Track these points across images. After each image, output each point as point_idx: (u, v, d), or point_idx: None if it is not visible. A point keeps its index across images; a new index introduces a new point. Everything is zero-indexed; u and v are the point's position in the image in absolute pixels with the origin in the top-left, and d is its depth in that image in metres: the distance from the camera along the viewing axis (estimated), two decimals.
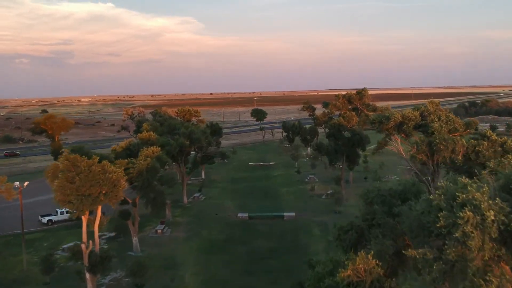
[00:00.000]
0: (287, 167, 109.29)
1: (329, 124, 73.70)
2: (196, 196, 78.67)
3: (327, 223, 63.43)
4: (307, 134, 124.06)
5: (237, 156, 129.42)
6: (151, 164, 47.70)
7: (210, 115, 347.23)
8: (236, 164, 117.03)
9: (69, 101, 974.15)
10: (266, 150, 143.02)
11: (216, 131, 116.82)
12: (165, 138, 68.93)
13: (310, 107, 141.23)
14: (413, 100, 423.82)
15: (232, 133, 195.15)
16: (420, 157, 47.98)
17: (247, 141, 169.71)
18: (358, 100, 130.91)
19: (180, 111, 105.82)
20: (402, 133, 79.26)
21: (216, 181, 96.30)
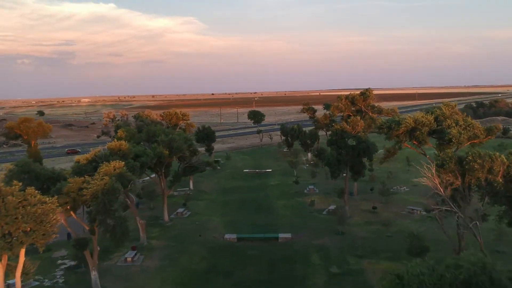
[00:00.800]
0: (285, 175, 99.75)
1: (331, 130, 64.22)
2: (179, 212, 69.20)
3: (329, 247, 53.97)
4: (307, 139, 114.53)
5: (231, 162, 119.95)
6: (108, 185, 38.23)
7: (209, 116, 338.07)
8: (230, 171, 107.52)
9: (69, 101, 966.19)
10: (264, 155, 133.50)
11: (209, 135, 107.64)
12: (141, 147, 59.48)
13: (310, 109, 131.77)
14: (418, 101, 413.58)
15: (229, 136, 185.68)
16: (448, 178, 37.88)
17: (244, 144, 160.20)
18: (362, 102, 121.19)
19: (165, 115, 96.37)
20: (415, 140, 69.75)
21: (206, 192, 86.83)
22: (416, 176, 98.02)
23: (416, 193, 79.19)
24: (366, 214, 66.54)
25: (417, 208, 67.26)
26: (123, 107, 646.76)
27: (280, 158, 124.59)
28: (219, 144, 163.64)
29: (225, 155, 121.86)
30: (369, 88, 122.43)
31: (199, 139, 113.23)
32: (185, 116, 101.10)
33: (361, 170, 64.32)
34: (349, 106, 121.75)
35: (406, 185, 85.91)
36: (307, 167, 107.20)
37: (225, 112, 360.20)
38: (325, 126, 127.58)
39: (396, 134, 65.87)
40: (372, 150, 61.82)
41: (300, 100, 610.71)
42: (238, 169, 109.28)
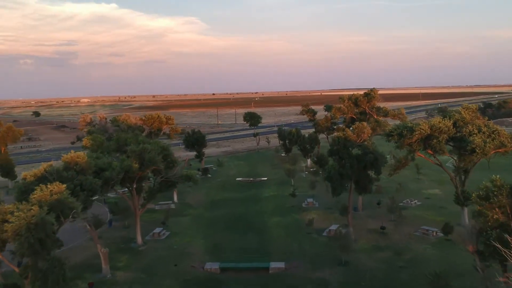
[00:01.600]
0: (282, 185, 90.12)
1: (332, 138, 54.65)
2: (156, 233, 59.60)
3: (330, 282, 44.37)
4: (306, 143, 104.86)
5: (224, 168, 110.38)
6: (36, 218, 28.73)
7: (207, 117, 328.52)
8: (221, 180, 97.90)
9: (68, 102, 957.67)
10: (260, 160, 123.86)
11: (198, 140, 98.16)
12: (106, 159, 49.95)
13: (310, 110, 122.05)
14: (421, 101, 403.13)
15: (225, 138, 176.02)
16: (496, 216, 27.61)
17: (240, 148, 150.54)
18: (366, 103, 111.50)
19: (147, 119, 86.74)
20: (430, 148, 60.13)
21: (191, 205, 77.29)
22: (427, 186, 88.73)
23: (429, 208, 69.59)
24: (373, 236, 56.84)
25: (433, 228, 57.52)
26: (122, 107, 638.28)
27: (277, 164, 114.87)
28: (214, 148, 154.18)
29: (217, 161, 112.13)
30: (373, 88, 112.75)
31: (188, 144, 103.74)
32: (170, 120, 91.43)
33: (367, 185, 54.65)
34: (352, 108, 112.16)
35: (417, 197, 76.27)
36: (307, 175, 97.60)
37: (224, 112, 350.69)
38: (326, 130, 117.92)
39: (409, 143, 56.27)
40: (380, 162, 52.13)
41: (301, 100, 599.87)
42: (230, 177, 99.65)
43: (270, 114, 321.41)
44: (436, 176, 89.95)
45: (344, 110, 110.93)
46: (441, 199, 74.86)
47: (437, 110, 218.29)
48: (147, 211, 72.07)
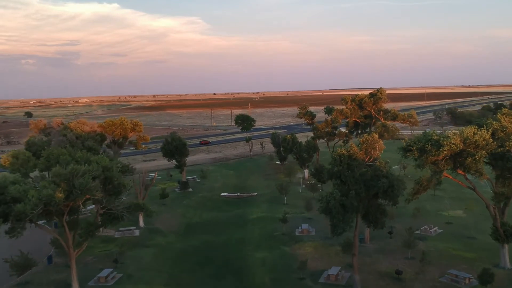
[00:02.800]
0: (273, 202, 76.40)
1: (332, 156, 40.82)
2: (103, 277, 45.73)
3: None
4: (302, 152, 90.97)
5: (209, 180, 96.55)
6: None
7: (202, 118, 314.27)
8: (203, 195, 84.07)
9: (67, 102, 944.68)
10: (252, 169, 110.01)
11: (178, 148, 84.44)
12: (23, 186, 36.24)
13: (308, 113, 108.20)
14: (427, 101, 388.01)
15: (217, 143, 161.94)
16: None
17: (232, 154, 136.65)
18: (372, 105, 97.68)
19: (107, 125, 72.92)
20: (462, 169, 46.24)
21: (160, 232, 63.46)
22: (447, 205, 74.20)
23: (453, 238, 55.74)
24: (387, 285, 42.93)
25: (464, 274, 43.50)
26: (119, 107, 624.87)
27: (270, 174, 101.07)
28: (203, 154, 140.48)
29: (201, 172, 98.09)
30: (380, 88, 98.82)
31: (167, 153, 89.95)
32: (137, 127, 77.58)
33: (379, 219, 40.65)
34: (356, 110, 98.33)
35: (436, 221, 62.39)
36: (303, 189, 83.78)
37: (221, 114, 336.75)
38: (326, 135, 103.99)
39: (434, 160, 42.38)
40: (398, 189, 38.16)
41: (302, 100, 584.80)
42: (215, 192, 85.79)
43: (269, 115, 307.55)
44: (456, 192, 76.11)
45: (346, 113, 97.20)
46: (466, 225, 60.96)
47: (446, 111, 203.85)
48: (103, 241, 58.48)
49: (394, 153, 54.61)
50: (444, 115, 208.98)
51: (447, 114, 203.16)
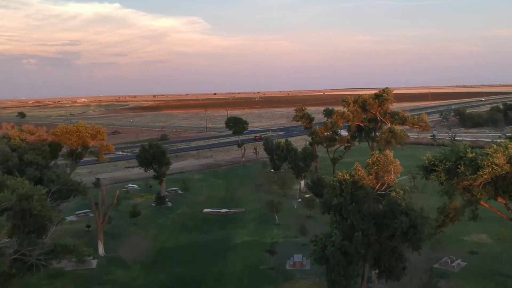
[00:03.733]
0: (264, 221, 65.41)
1: (330, 183, 29.83)
2: None
3: None
4: (298, 160, 79.86)
5: (193, 192, 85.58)
6: None
7: (198, 120, 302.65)
8: (183, 211, 73.07)
9: (64, 102, 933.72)
10: (243, 178, 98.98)
11: (156, 157, 73.55)
12: None
13: (305, 116, 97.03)
14: (431, 102, 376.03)
15: (208, 147, 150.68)
16: None
17: (224, 160, 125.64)
18: (377, 107, 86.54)
19: (60, 133, 61.75)
20: (504, 196, 34.86)
21: (122, 262, 52.32)
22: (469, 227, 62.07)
23: (482, 276, 44.60)
24: None
25: None
26: (116, 107, 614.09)
27: (263, 185, 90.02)
28: (192, 159, 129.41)
29: (182, 184, 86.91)
30: (386, 88, 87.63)
31: (143, 162, 79.01)
32: (99, 134, 66.40)
33: (396, 268, 29.56)
34: (359, 113, 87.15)
35: (457, 250, 51.36)
36: (298, 204, 72.77)
37: (218, 114, 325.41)
38: (326, 141, 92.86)
39: (468, 185, 31.44)
40: (423, 229, 27.10)
41: (302, 100, 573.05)
42: (197, 207, 74.71)
43: (268, 116, 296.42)
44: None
45: (348, 116, 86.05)
46: (495, 256, 49.84)
47: (454, 112, 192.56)
48: (49, 276, 47.38)
49: (400, 158, 43.37)
50: (451, 117, 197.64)
51: (454, 115, 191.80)
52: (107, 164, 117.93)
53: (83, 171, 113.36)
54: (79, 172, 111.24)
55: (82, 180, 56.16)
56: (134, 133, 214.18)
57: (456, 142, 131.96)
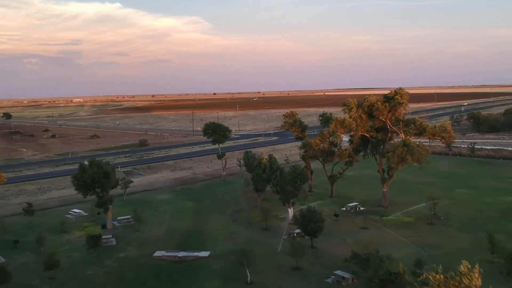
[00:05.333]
0: (231, 277, 46.54)
1: None
2: None
3: None
4: (285, 183, 60.99)
5: (150, 221, 66.75)
6: None
7: (188, 121, 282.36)
8: (127, 254, 54.18)
9: (60, 102, 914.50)
10: (220, 199, 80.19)
11: (95, 179, 54.83)
12: None
13: (296, 123, 78.17)
14: (437, 103, 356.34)
15: (189, 156, 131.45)
16: None
17: (203, 173, 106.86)
18: (388, 113, 67.69)
19: None
20: None
21: None
22: None
23: None
24: None
25: None
26: (108, 107, 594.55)
27: (242, 210, 71.25)
28: (167, 171, 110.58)
29: (133, 214, 67.59)
30: (400, 88, 68.62)
31: (80, 186, 60.16)
32: None
33: None
34: (364, 120, 68.23)
35: None
36: (286, 241, 53.96)
37: (210, 116, 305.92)
38: (322, 154, 74.04)
39: None
40: None
41: (302, 101, 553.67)
42: (149, 247, 55.90)
43: (263, 118, 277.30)
44: None
45: (350, 125, 67.08)
46: None
47: (467, 115, 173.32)
48: None
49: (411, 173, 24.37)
50: (464, 120, 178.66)
51: (467, 118, 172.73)
52: (63, 179, 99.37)
53: (32, 187, 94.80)
54: (25, 189, 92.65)
55: None
56: (113, 138, 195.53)
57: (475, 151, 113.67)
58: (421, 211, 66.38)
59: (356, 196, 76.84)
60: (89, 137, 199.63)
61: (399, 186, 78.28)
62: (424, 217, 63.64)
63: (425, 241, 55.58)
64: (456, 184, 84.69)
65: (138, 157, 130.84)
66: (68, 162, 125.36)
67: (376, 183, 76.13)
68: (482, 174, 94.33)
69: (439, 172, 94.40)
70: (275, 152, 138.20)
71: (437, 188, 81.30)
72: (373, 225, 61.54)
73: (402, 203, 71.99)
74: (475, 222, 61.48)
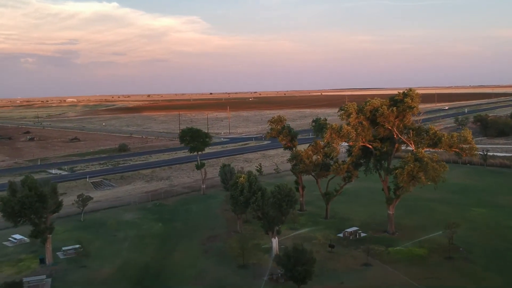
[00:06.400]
0: None
1: None
2: None
3: None
4: (267, 207, 48.70)
5: (99, 257, 54.22)
6: None
7: (178, 123, 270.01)
8: None
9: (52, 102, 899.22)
10: (194, 220, 67.86)
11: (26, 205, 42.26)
12: None
13: (284, 130, 65.57)
14: (438, 104, 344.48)
15: (169, 163, 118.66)
16: None
17: (182, 184, 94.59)
18: (394, 119, 55.43)
19: None
20: None
21: None
22: None
23: None
24: None
25: None
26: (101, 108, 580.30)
27: (218, 236, 58.92)
28: (141, 182, 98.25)
29: (80, 250, 54.64)
30: (410, 90, 56.26)
31: (7, 213, 47.59)
32: None
33: None
34: (366, 128, 55.96)
35: None
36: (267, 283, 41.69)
37: (202, 117, 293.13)
38: (315, 168, 61.69)
39: None
40: None
41: (298, 101, 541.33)
42: None
43: (256, 119, 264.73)
44: None
45: (348, 133, 54.75)
46: None
47: (474, 118, 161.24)
48: None
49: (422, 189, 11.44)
50: (470, 123, 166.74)
51: (474, 121, 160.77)
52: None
53: None
54: None
55: None
56: (95, 141, 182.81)
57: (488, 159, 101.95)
58: (434, 239, 54.36)
59: (356, 217, 64.73)
60: (69, 140, 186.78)
61: (405, 204, 65.98)
62: (439, 248, 51.53)
63: (444, 283, 43.53)
64: (471, 201, 72.69)
65: (114, 165, 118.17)
66: (35, 170, 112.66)
67: (379, 198, 64.34)
68: (498, 188, 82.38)
69: (450, 185, 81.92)
70: (266, 158, 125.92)
71: (450, 206, 69.30)
72: (377, 260, 49.28)
73: (410, 227, 59.90)
74: (504, 256, 49.38)
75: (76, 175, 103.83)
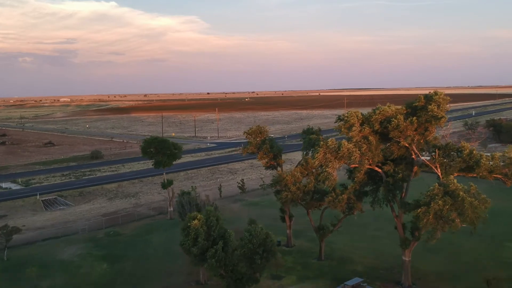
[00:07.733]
0: None
1: None
2: None
3: None
4: (234, 261, 33.22)
5: None
6: None
7: (167, 125, 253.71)
8: None
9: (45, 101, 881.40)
10: (148, 260, 52.62)
11: None
12: None
13: (264, 146, 49.94)
14: None
15: (141, 175, 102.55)
16: None
17: (147, 204, 79.35)
18: (413, 131, 39.66)
19: None
20: None
21: None
22: None
23: None
24: None
25: None
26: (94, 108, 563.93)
27: (175, 286, 43.57)
28: (103, 200, 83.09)
29: None
30: (436, 92, 40.68)
31: None
32: None
33: None
34: (374, 146, 40.47)
35: None
36: None
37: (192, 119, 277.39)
38: (305, 196, 46.33)
39: None
40: None
41: (296, 102, 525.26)
42: None
43: (249, 121, 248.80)
44: None
45: (350, 154, 39.15)
46: None
47: (487, 123, 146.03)
48: None
49: None
50: (480, 127, 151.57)
51: (486, 126, 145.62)
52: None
53: None
54: None
55: None
56: (70, 146, 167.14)
57: None
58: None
59: (358, 257, 49.69)
60: (43, 145, 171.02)
61: None
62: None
63: None
64: (505, 234, 57.65)
65: (77, 176, 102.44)
66: None
67: (387, 229, 50.03)
68: None
69: None
70: (254, 169, 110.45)
71: (478, 240, 53.90)
72: None
73: (431, 274, 45.00)
74: None
75: (27, 191, 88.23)
